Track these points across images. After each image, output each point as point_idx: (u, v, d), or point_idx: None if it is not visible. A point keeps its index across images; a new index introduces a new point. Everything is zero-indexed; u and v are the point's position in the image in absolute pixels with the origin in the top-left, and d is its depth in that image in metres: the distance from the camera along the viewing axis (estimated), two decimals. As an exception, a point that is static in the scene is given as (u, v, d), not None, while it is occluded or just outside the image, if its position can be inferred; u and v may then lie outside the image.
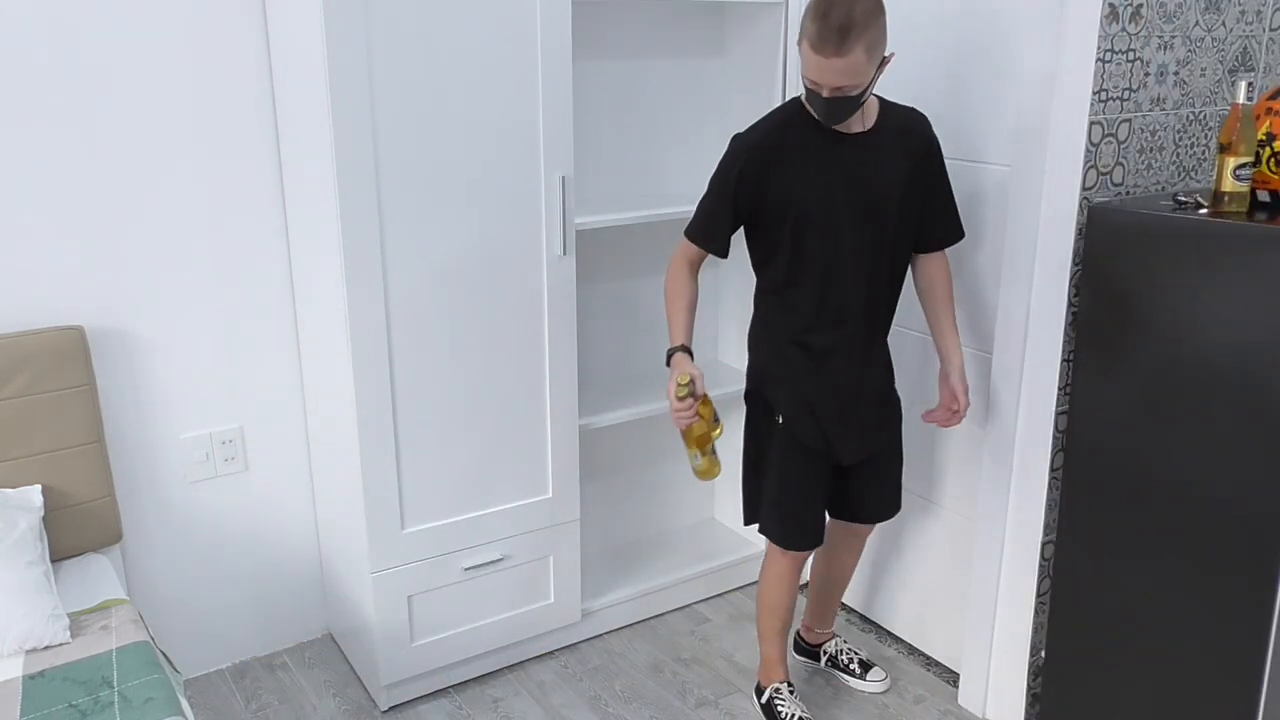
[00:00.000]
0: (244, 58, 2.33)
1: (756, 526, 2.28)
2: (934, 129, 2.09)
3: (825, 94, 1.85)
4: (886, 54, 1.87)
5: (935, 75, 2.38)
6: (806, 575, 2.75)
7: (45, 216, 2.18)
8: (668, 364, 2.07)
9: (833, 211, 1.98)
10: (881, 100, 2.03)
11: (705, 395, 2.01)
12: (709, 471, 2.10)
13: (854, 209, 1.99)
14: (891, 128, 2.01)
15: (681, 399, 1.96)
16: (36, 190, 2.16)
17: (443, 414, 2.32)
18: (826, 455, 2.17)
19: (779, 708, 2.35)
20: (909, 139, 2.03)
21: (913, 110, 2.08)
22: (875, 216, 2.00)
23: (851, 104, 1.87)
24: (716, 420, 2.06)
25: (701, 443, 2.04)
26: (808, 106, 1.95)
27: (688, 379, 1.95)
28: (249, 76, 2.34)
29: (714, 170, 2.06)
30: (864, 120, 1.99)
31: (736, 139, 2.04)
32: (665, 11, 2.76)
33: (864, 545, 2.45)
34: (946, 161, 2.15)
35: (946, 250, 2.17)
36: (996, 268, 2.28)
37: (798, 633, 2.65)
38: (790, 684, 2.39)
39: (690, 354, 2.08)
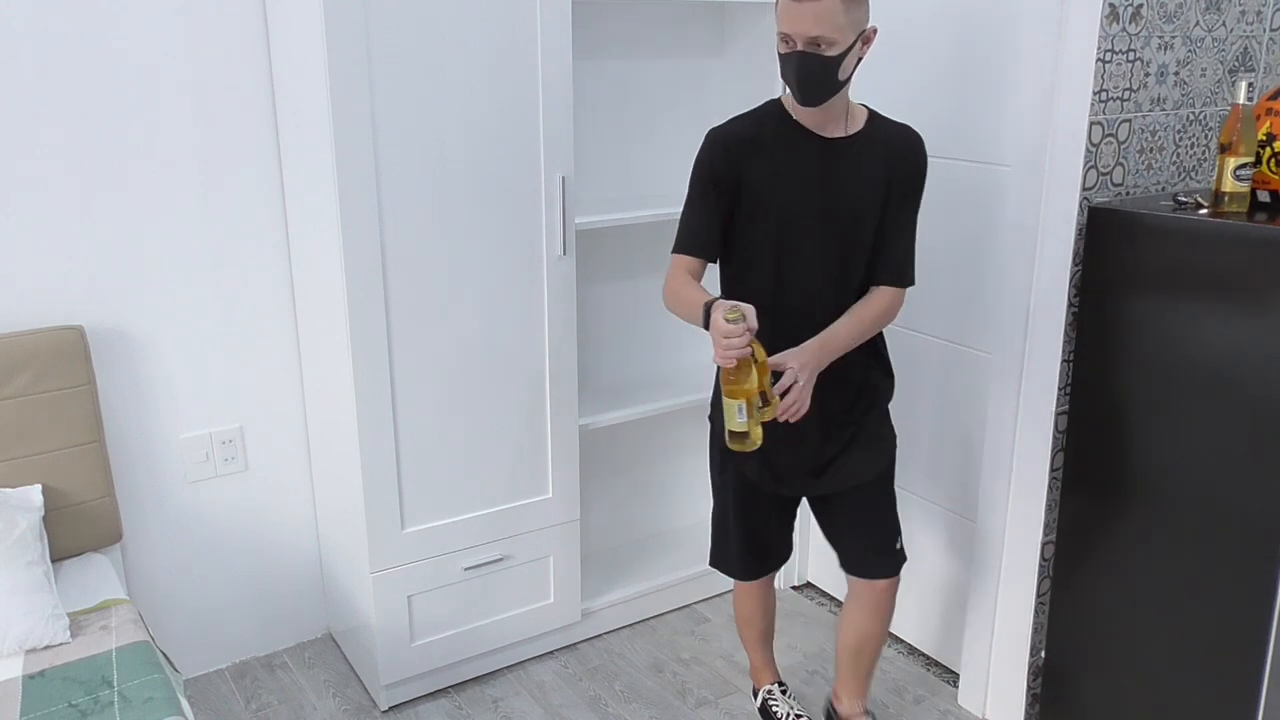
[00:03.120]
0: (244, 59, 2.33)
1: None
2: (926, 153, 1.91)
3: (799, 46, 1.70)
4: (868, 28, 1.75)
5: (935, 75, 2.38)
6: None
7: (45, 217, 2.18)
8: (705, 326, 1.76)
9: (795, 215, 1.85)
10: (872, 112, 1.91)
11: (754, 334, 1.66)
12: (750, 437, 1.73)
13: (819, 216, 1.86)
14: (877, 140, 1.87)
15: (733, 321, 1.63)
16: (37, 190, 2.16)
17: (443, 414, 2.32)
18: (770, 484, 2.03)
19: (773, 708, 2.35)
20: (893, 156, 1.87)
21: (907, 129, 1.91)
22: (842, 228, 1.87)
23: (826, 70, 1.72)
24: (771, 376, 1.75)
25: (750, 394, 1.69)
26: (784, 87, 1.83)
27: (737, 309, 1.65)
28: (249, 77, 2.34)
29: (690, 174, 1.93)
30: (846, 124, 1.86)
31: (710, 131, 1.91)
32: (665, 11, 2.76)
33: (883, 609, 2.12)
34: (948, 161, 2.14)
35: (892, 289, 1.93)
36: (997, 268, 2.28)
37: (829, 698, 2.36)
38: (782, 684, 2.39)
39: None
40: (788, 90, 1.85)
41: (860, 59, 1.77)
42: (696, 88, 2.86)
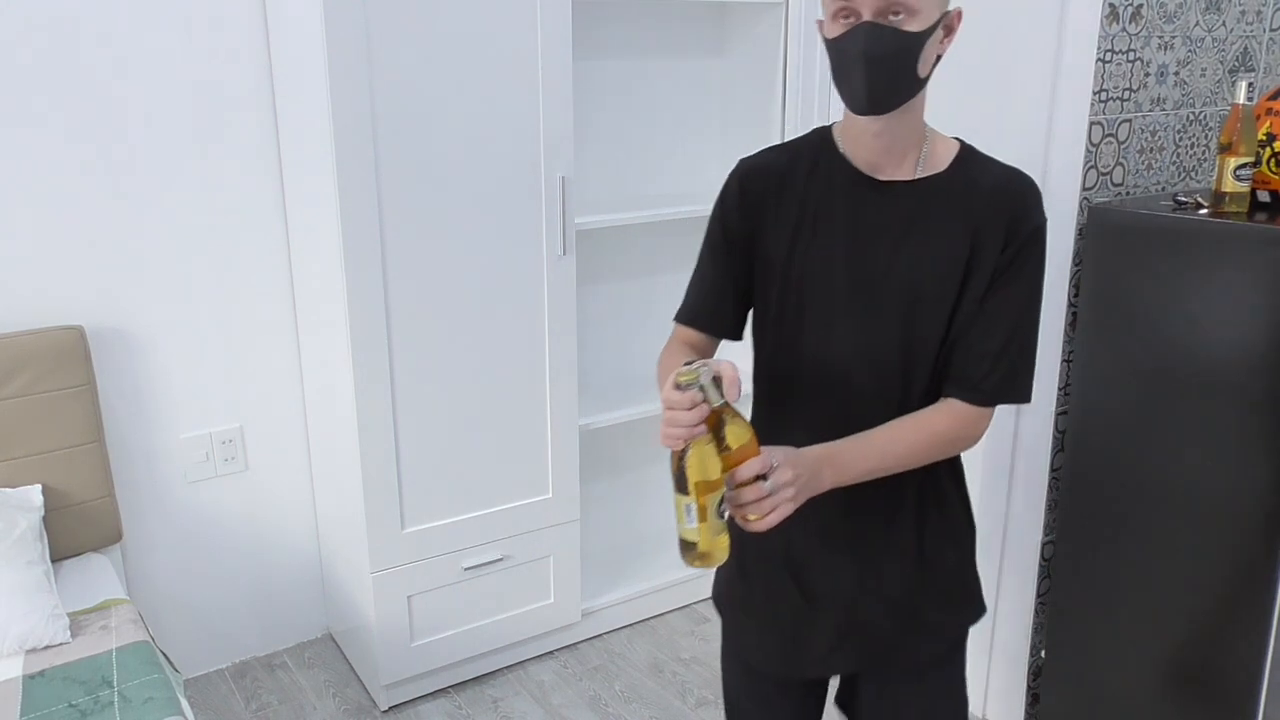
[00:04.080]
0: (244, 60, 2.33)
1: None
2: (1041, 209, 1.30)
3: (866, 16, 1.18)
4: (953, 9, 1.26)
5: (934, 75, 2.38)
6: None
7: (46, 217, 2.18)
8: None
9: (822, 289, 1.31)
10: (967, 148, 1.33)
11: (727, 407, 1.14)
12: (704, 552, 1.20)
13: (857, 293, 1.29)
14: (960, 186, 1.29)
15: (684, 387, 1.12)
16: (37, 190, 2.16)
17: (443, 414, 2.32)
18: (781, 668, 1.46)
19: None
20: (984, 209, 1.27)
21: (1014, 173, 1.30)
22: (895, 313, 1.29)
23: (904, 53, 1.19)
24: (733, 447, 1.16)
25: (706, 490, 1.17)
26: (839, 91, 1.26)
27: (693, 371, 1.13)
28: (249, 78, 2.34)
29: None
30: (919, 160, 1.30)
31: (739, 162, 1.42)
32: (665, 11, 2.76)
33: None
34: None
35: (964, 405, 1.30)
36: (996, 268, 2.29)
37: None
38: None
39: None
40: (839, 120, 1.35)
41: (940, 56, 1.26)
42: (696, 88, 2.86)
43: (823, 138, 1.36)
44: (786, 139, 1.46)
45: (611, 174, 2.79)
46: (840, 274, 1.30)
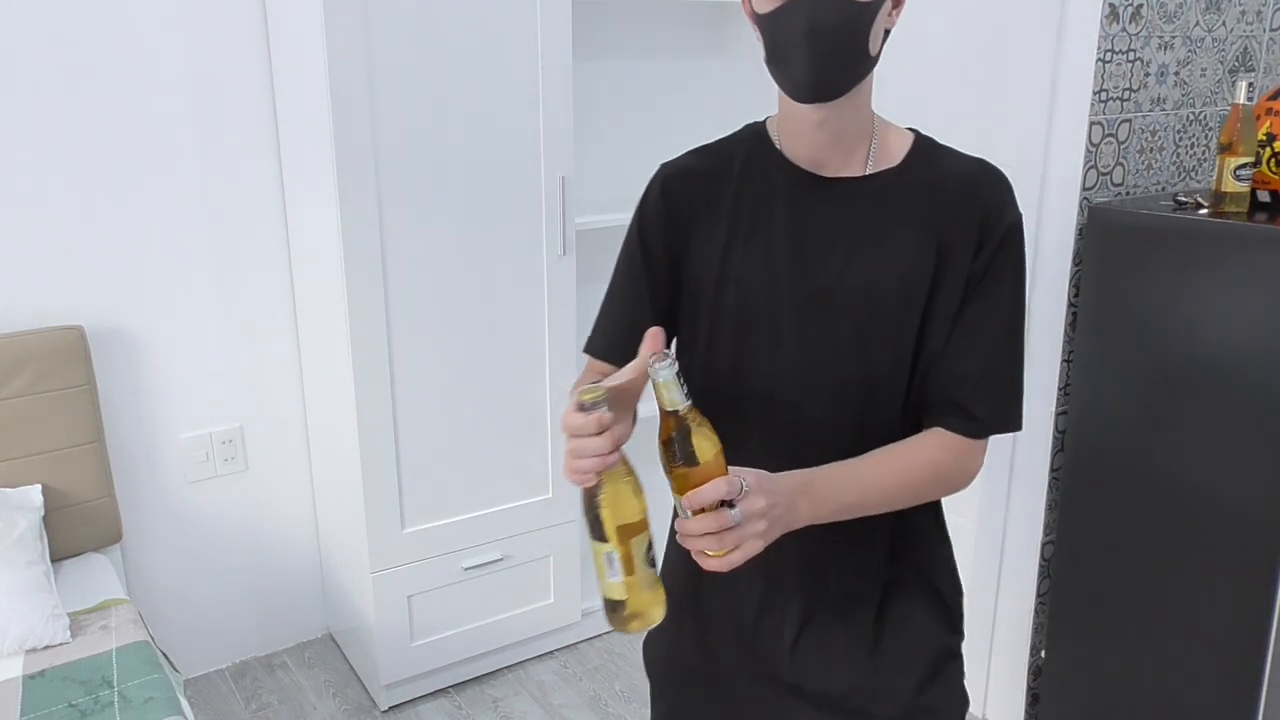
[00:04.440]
0: (244, 59, 2.32)
1: None
2: (1014, 204, 1.12)
3: None
4: None
5: (934, 75, 2.38)
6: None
7: (46, 217, 2.18)
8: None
9: (773, 308, 1.12)
10: (922, 139, 1.17)
11: (693, 410, 0.95)
12: (634, 612, 1.01)
13: (814, 309, 1.10)
14: (921, 182, 1.12)
15: (589, 407, 0.94)
16: (37, 191, 2.16)
17: (442, 414, 2.32)
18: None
19: None
20: (949, 207, 1.10)
21: (981, 165, 1.14)
22: (854, 327, 1.10)
23: (853, 25, 1.02)
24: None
25: (628, 534, 0.97)
26: (775, 76, 1.10)
27: (598, 390, 0.96)
28: (249, 77, 2.34)
29: None
30: (869, 154, 1.13)
31: (660, 167, 1.25)
32: (665, 11, 2.76)
33: None
34: None
35: (955, 437, 1.11)
36: (996, 268, 2.28)
37: None
38: None
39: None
40: (773, 114, 1.20)
41: (889, 31, 1.09)
42: (696, 88, 2.86)
43: (756, 133, 1.20)
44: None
45: (611, 174, 2.79)
46: (783, 288, 1.11)
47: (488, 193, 2.25)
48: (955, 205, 1.10)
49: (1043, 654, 2.29)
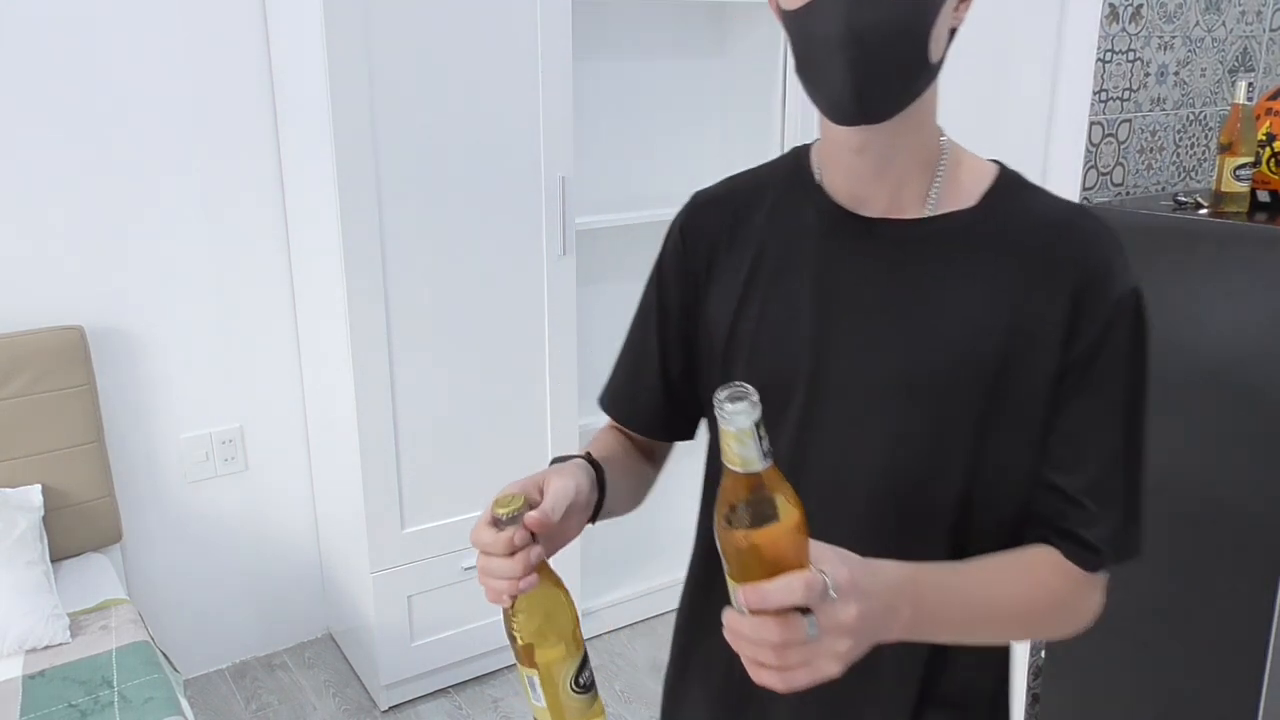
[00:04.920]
0: (244, 60, 2.32)
1: None
2: (1128, 267, 0.88)
3: None
4: None
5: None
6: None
7: (46, 217, 2.18)
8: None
9: (788, 382, 0.89)
10: (1006, 173, 0.91)
11: (773, 471, 0.69)
12: None
13: (838, 387, 0.88)
14: (999, 229, 0.87)
15: (504, 519, 0.80)
16: (37, 191, 2.16)
17: (442, 414, 2.32)
18: None
19: None
20: (1042, 266, 0.85)
21: (1079, 213, 0.89)
22: (892, 417, 0.86)
23: (909, 24, 0.80)
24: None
25: (552, 658, 0.83)
26: (807, 92, 0.84)
27: (515, 498, 0.83)
28: (249, 78, 2.34)
29: None
30: (929, 188, 0.88)
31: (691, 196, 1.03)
32: (665, 11, 2.76)
33: None
34: None
35: (1066, 566, 0.88)
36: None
37: None
38: None
39: (594, 473, 0.97)
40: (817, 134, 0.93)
41: (955, 30, 0.87)
42: (696, 88, 2.86)
43: (797, 160, 0.96)
44: (782, 146, 1.01)
45: (611, 174, 2.79)
46: (800, 361, 0.88)
47: (488, 192, 2.25)
48: (1040, 265, 0.84)
49: (1042, 654, 2.29)
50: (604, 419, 1.11)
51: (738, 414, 0.66)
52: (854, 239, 0.89)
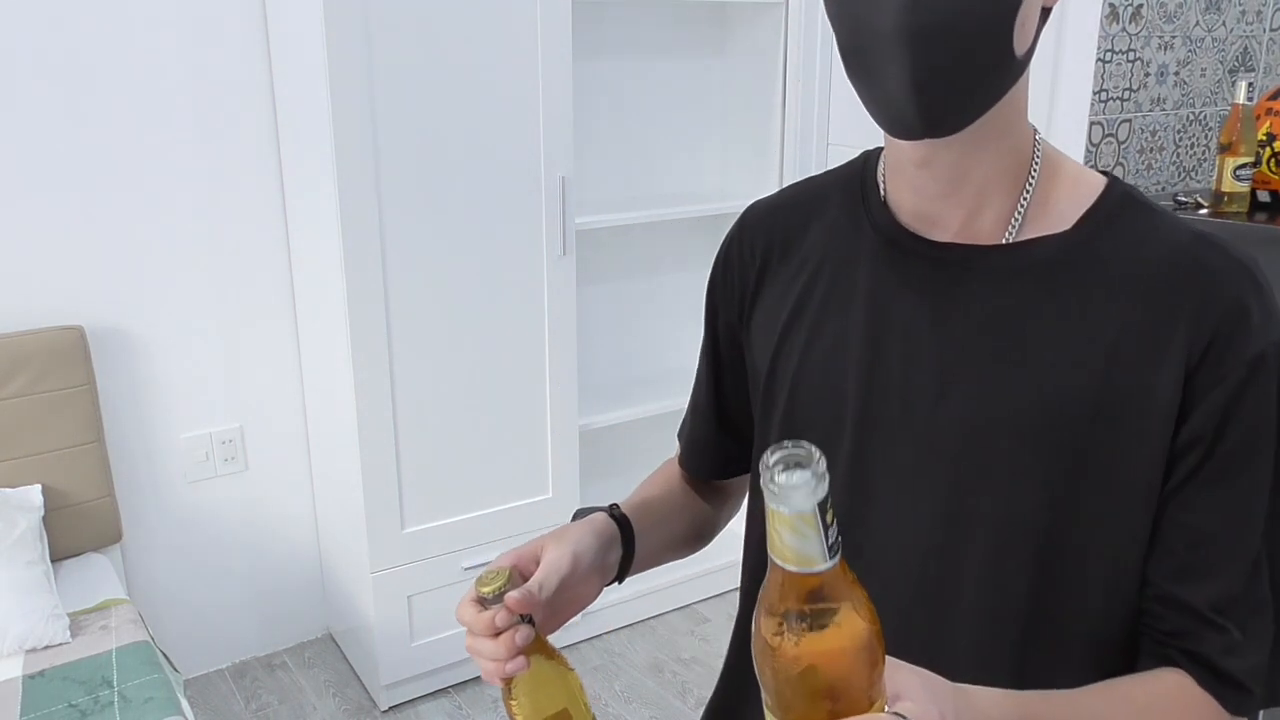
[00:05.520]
0: (244, 59, 2.32)
1: None
2: (1274, 313, 0.75)
3: None
4: None
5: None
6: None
7: (46, 216, 2.18)
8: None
9: (834, 427, 0.78)
10: (1115, 185, 0.75)
11: (844, 572, 0.52)
12: None
13: (885, 438, 0.75)
14: (1104, 258, 0.71)
15: (487, 597, 0.73)
16: (36, 190, 2.16)
17: (443, 414, 2.32)
18: None
19: None
20: (1148, 306, 0.70)
21: (1205, 243, 0.78)
22: (952, 479, 0.73)
23: (979, 30, 0.63)
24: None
25: None
26: (861, 97, 0.69)
27: (499, 574, 0.74)
28: (249, 77, 2.34)
29: None
30: (1016, 208, 0.73)
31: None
32: (665, 11, 2.76)
33: None
34: None
35: (1202, 696, 0.71)
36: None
37: None
38: None
39: (622, 530, 0.88)
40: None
41: (1048, 10, 0.70)
42: (696, 88, 2.86)
43: (865, 166, 0.81)
44: (782, 147, 0.91)
45: (611, 174, 2.79)
46: (846, 403, 0.75)
47: (488, 192, 2.25)
48: (1150, 309, 0.68)
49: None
50: (604, 419, 1.08)
51: (794, 490, 0.48)
52: (915, 267, 0.73)
